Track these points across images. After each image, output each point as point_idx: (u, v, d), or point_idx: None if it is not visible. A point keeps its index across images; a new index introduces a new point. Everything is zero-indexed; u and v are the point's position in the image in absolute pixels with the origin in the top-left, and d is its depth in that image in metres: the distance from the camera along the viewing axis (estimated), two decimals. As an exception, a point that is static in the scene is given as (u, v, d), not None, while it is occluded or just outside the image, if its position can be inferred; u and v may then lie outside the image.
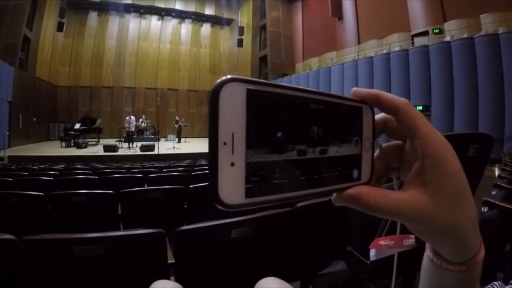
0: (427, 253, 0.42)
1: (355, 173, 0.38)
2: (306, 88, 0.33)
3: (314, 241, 2.09)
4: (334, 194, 0.37)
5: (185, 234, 1.66)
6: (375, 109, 0.41)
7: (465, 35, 11.39)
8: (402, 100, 0.37)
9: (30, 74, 18.72)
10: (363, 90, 0.39)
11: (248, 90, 0.29)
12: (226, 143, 0.27)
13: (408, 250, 0.49)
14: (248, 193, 0.28)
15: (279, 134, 0.30)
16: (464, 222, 0.36)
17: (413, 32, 13.94)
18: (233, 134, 0.28)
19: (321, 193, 0.35)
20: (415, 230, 0.37)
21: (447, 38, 12.00)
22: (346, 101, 0.38)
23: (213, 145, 0.27)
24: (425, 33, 13.48)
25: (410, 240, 0.49)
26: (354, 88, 0.39)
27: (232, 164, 0.28)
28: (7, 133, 15.29)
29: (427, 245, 0.42)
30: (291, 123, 0.32)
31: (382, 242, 0.52)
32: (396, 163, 0.42)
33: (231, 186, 0.28)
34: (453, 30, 12.37)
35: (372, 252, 0.55)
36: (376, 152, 0.42)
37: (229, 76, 0.28)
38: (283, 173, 0.31)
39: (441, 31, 12.96)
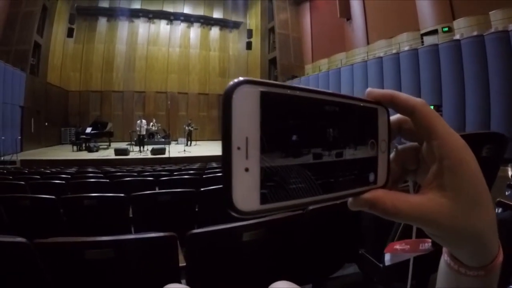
0: (444, 258, 0.40)
1: (371, 177, 0.37)
2: (320, 90, 0.32)
3: (326, 244, 2.07)
4: (350, 199, 0.36)
5: (197, 237, 1.67)
6: (390, 110, 0.40)
7: (474, 33, 11.20)
8: (418, 100, 0.37)
9: (41, 80, 19.01)
10: (377, 90, 0.39)
11: (262, 93, 0.28)
12: (240, 147, 0.26)
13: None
14: (263, 199, 0.27)
15: (294, 137, 0.30)
16: (484, 226, 0.35)
17: (422, 31, 13.79)
18: (247, 138, 0.27)
19: (337, 197, 0.34)
20: (432, 235, 0.36)
21: (457, 36, 11.84)
22: (360, 102, 0.37)
23: (227, 149, 0.26)
24: (434, 32, 13.33)
25: (426, 244, 0.49)
26: (369, 89, 0.39)
27: (247, 170, 0.27)
28: (19, 137, 15.49)
29: (444, 249, 0.40)
30: (306, 126, 0.31)
31: (397, 247, 0.52)
32: (413, 165, 0.40)
33: (246, 192, 0.27)
34: (462, 28, 12.21)
35: (387, 257, 0.55)
36: (392, 154, 0.41)
37: (241, 78, 0.28)
38: (298, 178, 0.30)
39: (450, 29, 12.79)
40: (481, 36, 10.85)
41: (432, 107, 5.13)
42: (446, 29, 12.86)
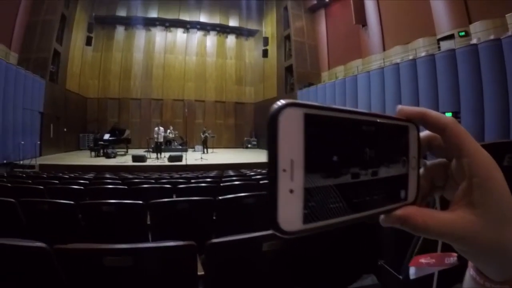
0: (470, 272, 0.40)
1: (403, 193, 0.38)
2: (356, 109, 0.33)
3: (344, 254, 2.07)
4: (383, 216, 0.36)
5: (216, 247, 1.67)
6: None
7: (491, 37, 10.91)
8: (448, 118, 0.37)
9: (60, 87, 19.44)
10: (408, 108, 0.39)
11: (305, 115, 0.28)
12: (285, 170, 0.27)
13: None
14: (306, 219, 0.28)
15: (335, 157, 0.31)
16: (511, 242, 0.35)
17: (439, 36, 13.51)
18: (292, 160, 0.27)
19: (372, 215, 0.35)
20: (460, 250, 0.37)
21: (474, 41, 11.53)
22: (393, 121, 0.38)
23: (273, 172, 0.27)
24: (450, 37, 13.03)
25: (452, 259, 0.50)
26: (400, 106, 0.40)
27: (291, 191, 0.27)
28: (39, 142, 15.90)
29: (470, 263, 0.40)
30: (345, 146, 0.32)
31: (422, 260, 0.52)
32: (441, 182, 0.42)
33: (290, 213, 0.27)
34: (479, 32, 11.88)
35: (412, 270, 0.55)
36: (421, 170, 0.41)
37: (285, 101, 0.28)
38: (338, 197, 0.31)
39: (467, 34, 12.48)
40: (498, 40, 10.58)
41: (450, 114, 5.04)
42: (463, 33, 12.58)
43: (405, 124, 0.39)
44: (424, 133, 0.41)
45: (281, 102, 0.28)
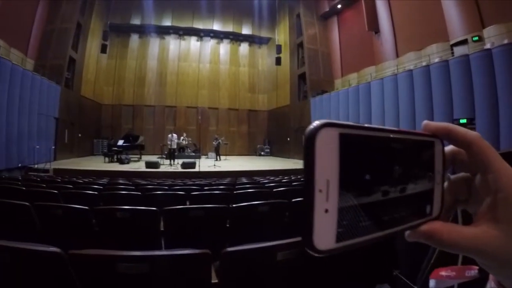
0: (491, 285, 0.41)
1: (428, 208, 0.38)
2: (385, 127, 0.34)
3: (359, 263, 2.06)
4: (408, 231, 0.37)
5: (231, 256, 1.66)
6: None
7: (505, 41, 10.71)
8: (474, 134, 0.38)
9: (75, 93, 19.76)
10: (434, 124, 0.40)
11: (340, 135, 0.29)
12: (321, 190, 0.28)
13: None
14: (339, 238, 0.29)
15: (367, 176, 0.31)
16: None
17: (452, 42, 13.31)
18: (328, 181, 0.28)
19: (400, 231, 0.35)
20: (483, 264, 0.37)
21: (487, 46, 11.32)
22: (419, 137, 0.38)
23: (310, 192, 0.27)
24: (464, 42, 12.83)
25: (472, 271, 0.50)
26: (425, 122, 0.40)
27: (326, 211, 0.28)
28: (53, 147, 16.14)
29: (491, 276, 0.41)
30: (377, 164, 0.33)
31: (443, 273, 0.52)
32: (464, 196, 0.42)
33: (324, 232, 0.28)
34: (492, 36, 11.70)
35: (432, 283, 0.54)
36: (445, 185, 0.42)
37: (321, 122, 0.29)
38: (369, 215, 0.31)
39: (480, 39, 12.27)
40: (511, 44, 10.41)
41: (465, 120, 4.97)
42: (476, 38, 12.36)
43: (431, 140, 0.39)
44: (449, 147, 0.41)
45: (318, 122, 0.28)
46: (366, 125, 0.32)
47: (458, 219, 0.46)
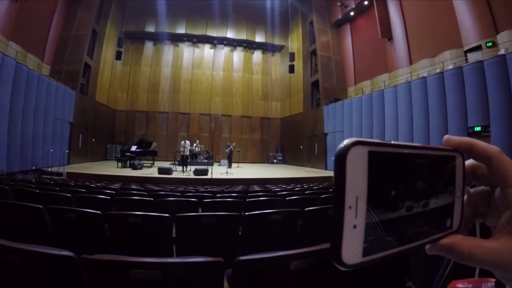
0: None
1: (448, 222, 0.39)
2: (410, 144, 0.35)
3: (372, 274, 2.04)
4: (428, 244, 0.38)
5: (244, 264, 1.67)
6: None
7: None
8: (494, 148, 0.38)
9: (90, 98, 20.05)
10: (455, 138, 0.40)
11: (369, 152, 0.30)
12: (351, 207, 0.29)
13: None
14: (365, 252, 0.30)
15: (393, 192, 0.32)
16: None
17: (466, 48, 13.09)
18: (357, 197, 0.29)
19: (422, 244, 0.36)
20: (502, 277, 0.37)
21: (502, 51, 11.14)
22: (441, 152, 0.39)
23: (340, 209, 0.28)
24: (478, 48, 12.61)
25: (489, 284, 0.50)
26: (447, 136, 0.41)
27: (355, 227, 0.29)
28: (67, 151, 16.40)
29: None
30: (402, 180, 0.34)
31: (460, 285, 0.52)
32: (483, 209, 0.42)
33: (352, 247, 0.29)
34: (506, 42, 11.49)
35: None
36: (464, 198, 0.42)
37: (352, 140, 0.30)
38: (393, 230, 0.33)
39: (494, 44, 12.04)
40: (526, 50, 10.22)
41: (479, 128, 4.90)
42: (490, 43, 12.14)
43: (452, 154, 0.40)
44: (469, 161, 0.42)
45: (348, 141, 0.29)
46: (392, 142, 0.33)
47: (475, 232, 0.46)
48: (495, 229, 0.38)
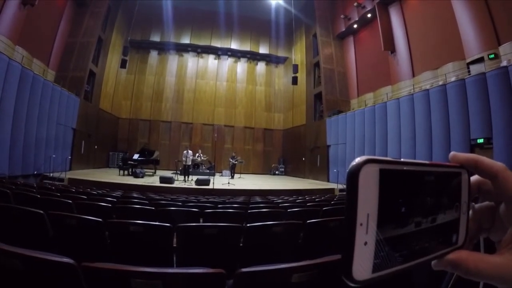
0: None
1: (454, 237, 0.40)
2: (419, 161, 0.35)
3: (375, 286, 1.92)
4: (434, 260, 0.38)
5: (246, 276, 1.65)
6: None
7: None
8: (500, 165, 0.39)
9: (94, 105, 20.15)
10: (461, 155, 0.41)
11: (381, 170, 0.31)
12: (362, 224, 0.29)
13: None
14: (375, 268, 0.30)
15: (403, 209, 0.33)
16: None
17: (468, 60, 13.08)
18: (368, 215, 0.30)
19: (429, 260, 0.37)
20: None
21: (504, 63, 11.12)
22: (447, 168, 0.40)
23: (351, 226, 0.29)
24: (480, 60, 12.64)
25: None
26: (453, 153, 0.41)
27: (365, 243, 0.29)
28: (69, 157, 16.45)
29: None
30: (411, 197, 0.34)
31: None
32: (488, 224, 0.43)
33: (362, 263, 0.29)
34: (508, 53, 11.47)
35: None
36: (470, 213, 0.42)
37: (364, 158, 0.30)
38: (403, 246, 0.33)
39: (496, 56, 12.04)
40: (528, 61, 10.21)
41: (482, 140, 4.90)
42: (492, 55, 12.13)
43: (458, 171, 0.40)
44: (474, 177, 0.42)
45: (360, 159, 0.30)
46: (402, 160, 0.34)
47: (480, 246, 0.45)
48: (500, 244, 0.39)
